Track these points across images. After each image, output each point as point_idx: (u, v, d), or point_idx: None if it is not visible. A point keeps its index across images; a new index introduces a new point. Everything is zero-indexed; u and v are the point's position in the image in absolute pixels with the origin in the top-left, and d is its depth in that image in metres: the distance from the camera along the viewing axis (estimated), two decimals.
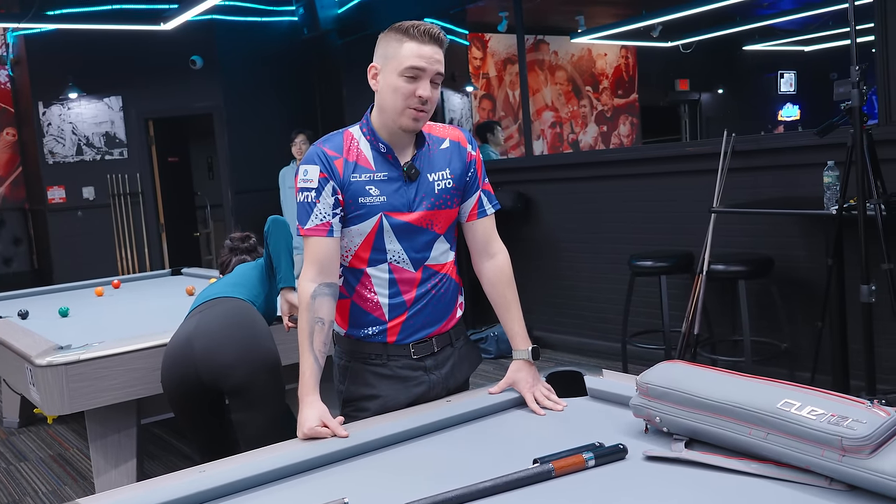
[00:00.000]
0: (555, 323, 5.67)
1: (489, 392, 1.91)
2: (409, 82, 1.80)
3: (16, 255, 7.75)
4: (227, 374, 2.67)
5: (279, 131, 6.99)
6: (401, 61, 1.80)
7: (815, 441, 1.29)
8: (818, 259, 3.93)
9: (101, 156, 7.56)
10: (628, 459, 1.49)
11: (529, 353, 1.93)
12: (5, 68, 7.67)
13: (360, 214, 1.86)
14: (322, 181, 1.83)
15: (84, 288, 5.12)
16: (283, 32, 7.91)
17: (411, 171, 1.88)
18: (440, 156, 1.95)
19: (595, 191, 5.39)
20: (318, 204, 1.83)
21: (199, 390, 2.75)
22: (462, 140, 1.99)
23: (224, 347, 2.66)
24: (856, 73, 3.13)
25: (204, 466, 1.54)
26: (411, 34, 1.80)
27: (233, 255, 3.32)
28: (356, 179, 1.85)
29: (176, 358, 2.72)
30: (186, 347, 2.70)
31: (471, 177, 1.98)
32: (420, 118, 1.84)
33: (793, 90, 12.81)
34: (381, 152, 1.88)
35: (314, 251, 1.84)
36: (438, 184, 1.92)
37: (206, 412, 2.87)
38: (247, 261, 3.29)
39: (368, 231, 1.86)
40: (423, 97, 1.80)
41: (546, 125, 10.98)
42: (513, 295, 2.02)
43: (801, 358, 4.04)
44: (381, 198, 1.85)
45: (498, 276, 2.02)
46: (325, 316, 1.82)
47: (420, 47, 1.79)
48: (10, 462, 4.18)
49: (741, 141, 4.26)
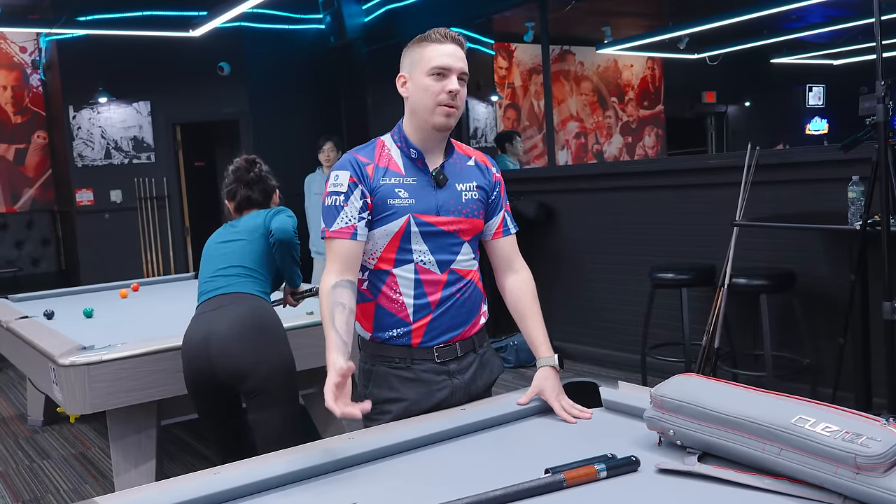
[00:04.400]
0: (575, 333, 5.66)
1: (518, 403, 1.90)
2: (437, 80, 1.88)
3: (44, 256, 7.87)
4: (244, 377, 2.69)
5: (305, 138, 7.03)
6: (427, 62, 1.89)
7: (829, 458, 1.28)
8: (841, 274, 3.89)
9: (128, 159, 7.67)
10: (640, 472, 1.49)
11: (556, 360, 1.96)
12: (38, 73, 7.81)
13: (388, 215, 1.90)
14: (352, 185, 1.88)
15: (109, 289, 5.18)
16: (310, 40, 7.98)
17: (440, 176, 1.94)
18: (467, 170, 2.02)
19: (618, 202, 5.38)
20: (346, 207, 1.87)
21: (217, 390, 2.79)
22: (487, 162, 2.09)
23: (241, 352, 2.69)
24: (881, 87, 3.10)
25: (219, 469, 1.55)
26: (432, 38, 1.91)
27: (239, 184, 3.09)
28: (385, 182, 1.90)
29: (193, 358, 2.75)
30: (203, 349, 2.72)
31: (495, 197, 2.06)
32: (452, 114, 1.90)
33: (821, 104, 12.68)
34: (412, 158, 1.95)
35: (337, 252, 1.87)
36: (466, 194, 1.98)
37: (223, 410, 2.90)
38: (252, 199, 3.08)
39: (395, 231, 1.90)
40: (453, 91, 1.87)
41: (571, 135, 10.97)
42: (536, 306, 2.06)
43: (824, 374, 3.99)
44: (409, 200, 1.90)
45: (522, 287, 2.07)
46: (345, 301, 1.81)
47: (442, 47, 1.89)
48: (34, 459, 4.24)
49: (765, 154, 4.23)
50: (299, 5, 7.78)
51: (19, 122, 7.77)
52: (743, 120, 12.27)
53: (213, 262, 2.96)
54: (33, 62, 7.79)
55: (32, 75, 7.82)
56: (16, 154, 7.77)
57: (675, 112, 11.85)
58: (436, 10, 6.95)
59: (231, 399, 2.89)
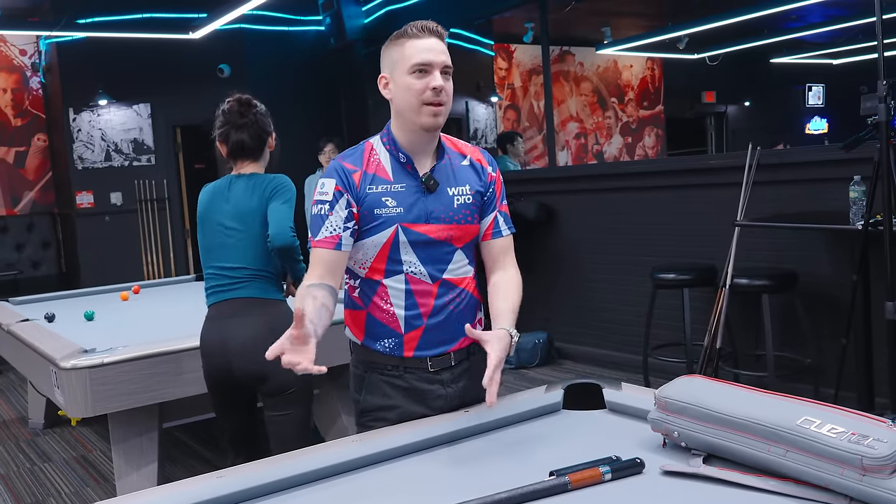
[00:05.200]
0: (576, 334, 5.65)
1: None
2: (419, 78, 1.79)
3: (44, 259, 7.87)
4: (265, 379, 2.68)
5: (305, 140, 7.03)
6: (407, 60, 1.80)
7: (834, 459, 1.27)
8: (843, 274, 3.88)
9: (129, 162, 7.67)
10: (645, 474, 1.48)
11: (514, 331, 1.85)
12: (37, 75, 7.81)
13: (376, 226, 1.83)
14: (337, 194, 1.82)
15: (110, 292, 5.18)
16: (310, 42, 7.98)
17: (430, 181, 1.86)
18: (461, 172, 1.93)
19: (618, 202, 5.38)
20: (331, 216, 1.82)
21: (237, 390, 2.77)
22: (483, 161, 1.98)
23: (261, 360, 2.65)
24: (883, 87, 3.10)
25: (221, 472, 1.55)
26: (410, 33, 1.82)
27: (230, 127, 2.92)
28: (372, 191, 1.84)
29: (212, 361, 2.73)
30: (222, 354, 2.68)
31: (489, 196, 1.96)
32: (439, 113, 1.81)
33: (821, 103, 12.69)
34: (401, 162, 1.87)
35: (319, 260, 1.81)
36: (458, 199, 1.90)
37: (242, 409, 2.88)
38: (246, 145, 2.92)
39: (383, 242, 1.84)
40: (437, 87, 1.79)
41: (570, 136, 10.97)
42: (515, 294, 1.92)
43: (826, 374, 3.99)
44: (397, 209, 1.83)
45: (508, 281, 1.95)
46: (318, 295, 1.73)
47: (421, 42, 1.81)
48: (35, 463, 4.23)
49: (766, 154, 4.22)
50: (299, 7, 7.78)
51: (19, 125, 7.77)
52: (743, 120, 12.28)
53: (215, 252, 2.82)
54: (33, 65, 7.79)
55: (32, 78, 7.82)
56: (16, 157, 7.77)
57: (674, 112, 11.86)
58: (435, 11, 6.93)
59: (249, 398, 2.88)
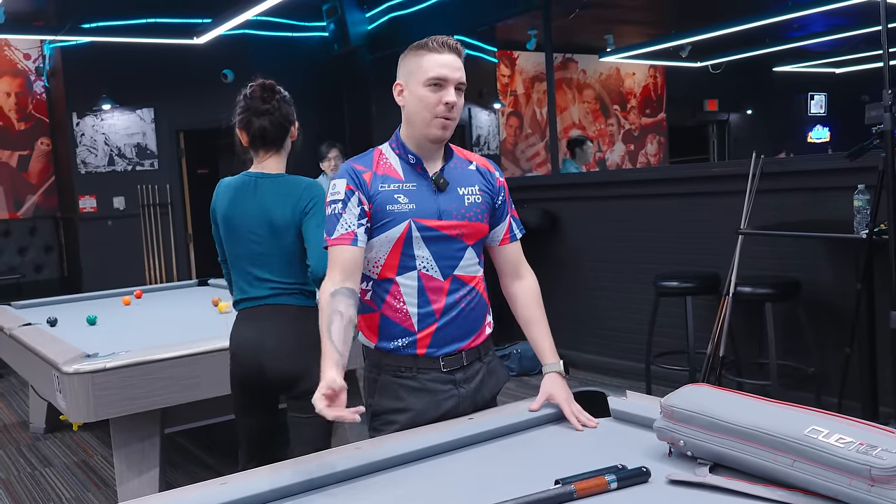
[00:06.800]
0: (578, 342, 5.64)
1: (529, 409, 1.90)
2: (434, 91, 1.86)
3: (46, 263, 7.87)
4: (297, 380, 2.66)
5: (308, 145, 7.04)
6: (424, 72, 1.86)
7: (843, 470, 1.26)
8: (847, 283, 3.87)
9: (132, 166, 7.67)
10: (651, 483, 1.48)
11: (561, 367, 1.97)
12: (41, 79, 7.82)
13: (389, 221, 1.88)
14: (348, 192, 1.87)
15: (112, 297, 5.18)
16: (313, 48, 7.99)
17: (440, 180, 1.92)
18: (469, 174, 2.00)
19: (621, 210, 5.37)
20: (344, 214, 1.86)
21: (266, 391, 2.75)
22: (489, 166, 2.06)
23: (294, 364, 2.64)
24: (888, 96, 3.10)
25: (225, 479, 1.54)
26: (430, 47, 1.88)
27: (251, 114, 2.84)
28: (384, 189, 1.89)
29: (244, 364, 2.69)
30: (255, 358, 2.65)
31: (500, 202, 2.03)
32: (448, 126, 1.89)
33: (823, 112, 12.70)
34: (411, 163, 1.93)
35: (337, 259, 1.84)
36: (468, 197, 1.95)
37: (267, 410, 2.86)
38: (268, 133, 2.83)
39: (397, 237, 1.88)
40: (450, 103, 1.85)
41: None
42: (541, 313, 2.06)
43: (829, 383, 3.97)
44: (410, 205, 1.88)
45: (528, 295, 2.07)
46: (343, 310, 1.77)
47: (440, 57, 1.86)
48: (36, 467, 4.23)
49: (770, 163, 4.22)
50: (303, 13, 7.79)
51: (23, 129, 7.78)
52: (745, 128, 12.28)
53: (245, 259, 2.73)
54: (37, 69, 7.80)
55: (36, 82, 7.83)
56: (19, 161, 7.77)
57: (677, 120, 11.87)
58: (439, 17, 6.96)
59: (275, 400, 2.87)
